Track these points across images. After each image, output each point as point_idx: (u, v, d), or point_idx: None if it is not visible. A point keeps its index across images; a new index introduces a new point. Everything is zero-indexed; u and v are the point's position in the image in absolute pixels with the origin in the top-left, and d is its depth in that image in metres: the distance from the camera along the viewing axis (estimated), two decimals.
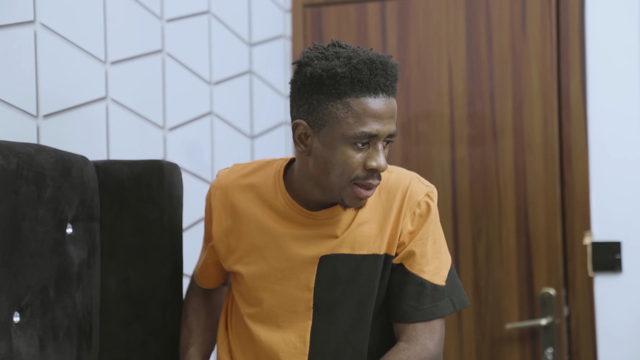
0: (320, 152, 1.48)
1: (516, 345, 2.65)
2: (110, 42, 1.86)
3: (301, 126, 1.49)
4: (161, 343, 1.63)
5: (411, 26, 2.79)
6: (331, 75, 1.44)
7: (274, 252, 1.59)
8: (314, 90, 1.46)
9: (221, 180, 1.66)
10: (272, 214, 1.60)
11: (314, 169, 1.51)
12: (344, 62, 1.45)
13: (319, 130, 1.47)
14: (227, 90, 2.44)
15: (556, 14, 2.65)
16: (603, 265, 2.58)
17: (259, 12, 2.67)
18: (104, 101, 1.83)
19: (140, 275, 1.61)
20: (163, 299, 1.63)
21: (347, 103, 1.44)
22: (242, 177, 1.65)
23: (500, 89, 2.69)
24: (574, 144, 2.62)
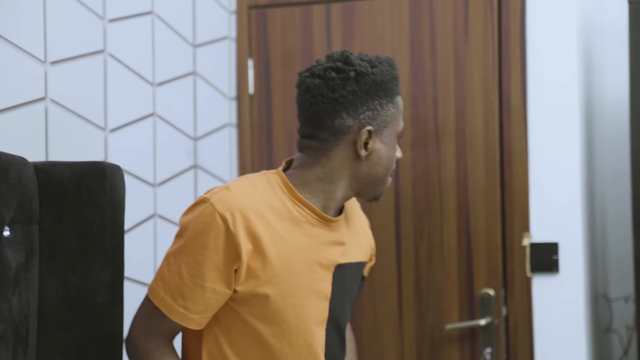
0: (382, 152, 1.62)
1: (456, 346, 2.69)
2: (50, 42, 1.83)
3: (367, 132, 1.59)
4: (101, 347, 1.62)
5: (356, 29, 2.82)
6: (391, 78, 1.61)
7: (301, 265, 1.59)
8: (377, 95, 1.59)
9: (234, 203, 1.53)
10: (291, 226, 1.59)
11: (370, 170, 1.62)
12: (390, 65, 1.63)
13: (382, 131, 1.61)
14: (171, 92, 2.43)
15: (498, 20, 2.70)
16: (541, 266, 2.63)
17: (204, 13, 2.66)
18: (43, 101, 1.81)
19: (80, 279, 1.60)
20: (103, 302, 1.62)
21: (397, 102, 1.64)
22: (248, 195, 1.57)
23: (443, 93, 2.73)
24: (514, 147, 2.67)
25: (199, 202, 1.56)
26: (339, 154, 1.60)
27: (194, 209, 1.56)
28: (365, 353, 2.76)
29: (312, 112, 1.59)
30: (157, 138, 2.34)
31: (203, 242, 1.52)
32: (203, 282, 1.52)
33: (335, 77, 1.57)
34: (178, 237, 1.57)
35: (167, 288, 1.54)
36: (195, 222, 1.53)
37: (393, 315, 2.74)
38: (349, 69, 1.57)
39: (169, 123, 2.42)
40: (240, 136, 2.88)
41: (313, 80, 1.59)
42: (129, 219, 2.10)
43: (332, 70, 1.58)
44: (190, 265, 1.52)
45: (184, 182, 2.51)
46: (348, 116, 1.58)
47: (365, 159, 1.61)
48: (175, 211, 2.43)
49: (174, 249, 1.56)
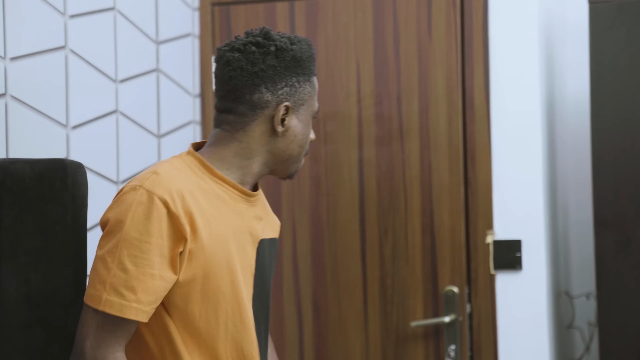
0: (298, 130, 1.64)
1: (420, 343, 2.70)
2: (9, 38, 1.80)
3: (284, 108, 1.60)
4: (62, 346, 1.60)
5: (320, 27, 2.81)
6: (309, 57, 1.63)
7: (233, 242, 1.58)
8: (295, 72, 1.61)
9: (168, 185, 1.50)
10: (219, 204, 1.58)
11: (286, 147, 1.63)
12: (308, 44, 1.64)
13: (299, 109, 1.63)
14: (133, 89, 2.41)
15: (460, 19, 2.72)
16: (504, 263, 2.65)
17: (166, 10, 2.64)
18: (3, 98, 1.78)
19: (42, 277, 1.57)
20: (65, 301, 1.59)
21: (313, 82, 1.66)
22: (177, 177, 1.54)
23: (407, 91, 2.74)
24: (478, 145, 2.69)
25: (128, 192, 1.51)
26: (257, 129, 1.60)
27: (124, 200, 1.50)
28: (329, 350, 2.76)
29: (231, 85, 1.59)
30: (120, 135, 2.32)
31: (147, 229, 1.47)
32: (152, 270, 1.47)
33: (256, 51, 1.57)
34: (110, 234, 1.50)
35: (111, 288, 1.47)
36: (132, 212, 1.47)
37: (358, 312, 2.74)
38: (269, 43, 1.58)
39: (132, 120, 2.39)
40: (204, 133, 2.86)
41: (233, 54, 1.59)
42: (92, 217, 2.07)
43: (252, 44, 1.58)
44: (135, 255, 1.47)
45: None
46: (267, 91, 1.58)
47: (282, 135, 1.62)
48: None
49: (109, 246, 1.48)
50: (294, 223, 2.80)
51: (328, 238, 2.78)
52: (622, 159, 2.53)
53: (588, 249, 2.94)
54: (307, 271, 2.79)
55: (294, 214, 2.80)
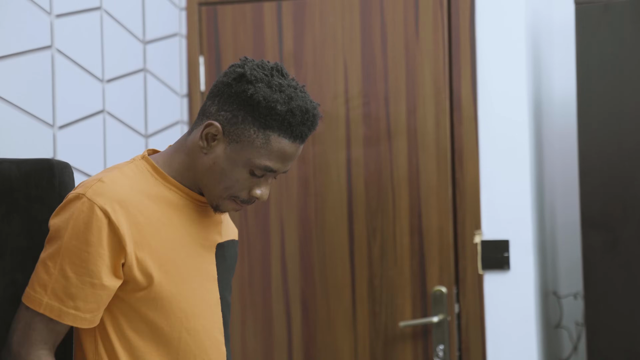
0: (220, 160, 1.53)
1: (409, 343, 2.70)
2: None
3: (214, 128, 1.52)
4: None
5: (307, 27, 2.81)
6: (269, 107, 1.49)
7: (186, 249, 1.57)
8: (246, 109, 1.50)
9: (112, 194, 1.49)
10: (170, 211, 1.57)
11: (205, 169, 1.55)
12: (285, 100, 1.50)
13: (230, 143, 1.52)
14: (121, 88, 2.39)
15: (448, 19, 2.72)
16: (492, 263, 2.66)
17: (153, 10, 2.62)
18: None
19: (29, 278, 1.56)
20: None
21: (268, 136, 1.51)
22: (123, 185, 1.53)
23: (395, 91, 2.74)
24: (465, 145, 2.69)
25: (72, 200, 1.49)
26: (195, 135, 1.56)
27: (68, 208, 1.49)
28: (318, 350, 2.76)
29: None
30: (107, 135, 2.30)
31: (86, 239, 1.46)
32: (92, 279, 1.47)
33: (233, 66, 1.55)
34: (53, 240, 1.49)
35: (51, 293, 1.46)
36: (74, 220, 1.47)
37: (346, 312, 2.74)
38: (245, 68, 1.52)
39: (119, 120, 2.38)
40: None
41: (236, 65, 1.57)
42: None
43: (243, 60, 1.56)
44: (75, 264, 1.46)
45: None
46: (213, 103, 1.54)
47: (205, 154, 1.55)
48: None
49: (51, 251, 1.48)
50: (282, 223, 2.79)
51: (316, 238, 2.77)
52: (609, 160, 2.54)
53: (575, 249, 2.95)
54: (296, 271, 2.78)
55: (282, 214, 2.79)
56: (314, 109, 1.54)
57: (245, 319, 2.81)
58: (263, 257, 2.79)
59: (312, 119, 1.54)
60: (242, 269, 2.81)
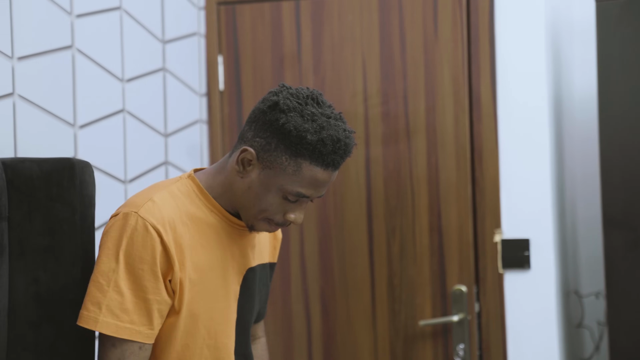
0: (254, 185, 1.58)
1: (429, 342, 2.69)
2: (17, 37, 1.80)
3: (249, 154, 1.57)
4: (71, 344, 1.59)
5: (325, 25, 2.81)
6: (299, 137, 1.52)
7: (218, 271, 1.62)
8: (278, 137, 1.54)
9: (162, 215, 1.54)
10: (210, 234, 1.62)
11: (242, 192, 1.59)
12: (316, 129, 1.52)
13: (264, 169, 1.56)
14: (140, 88, 2.40)
15: (467, 17, 2.71)
16: (512, 262, 2.64)
17: (172, 9, 2.63)
18: (10, 97, 1.78)
19: (50, 276, 1.57)
20: (74, 299, 1.59)
21: (299, 164, 1.54)
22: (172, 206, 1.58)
23: (413, 89, 2.73)
24: (485, 143, 2.68)
25: (124, 217, 1.54)
26: (234, 158, 1.61)
27: (120, 225, 1.54)
28: (339, 349, 2.75)
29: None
30: (127, 134, 2.31)
31: (140, 256, 1.52)
32: (146, 295, 1.52)
33: (270, 92, 1.59)
34: (106, 257, 1.53)
35: (106, 310, 1.50)
36: (128, 237, 1.52)
37: (366, 311, 2.73)
38: (277, 97, 1.55)
39: (139, 119, 2.39)
40: (210, 132, 2.86)
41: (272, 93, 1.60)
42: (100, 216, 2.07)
43: (280, 87, 1.59)
44: (130, 280, 1.52)
45: (155, 178, 2.49)
46: (250, 129, 1.59)
47: (241, 177, 1.60)
48: None
49: (103, 269, 1.52)
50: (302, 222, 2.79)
51: (335, 237, 2.77)
52: (630, 157, 2.52)
53: (597, 248, 2.93)
54: (315, 271, 2.78)
55: None
56: (346, 138, 1.56)
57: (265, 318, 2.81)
58: (282, 257, 2.79)
59: (344, 148, 1.55)
60: None
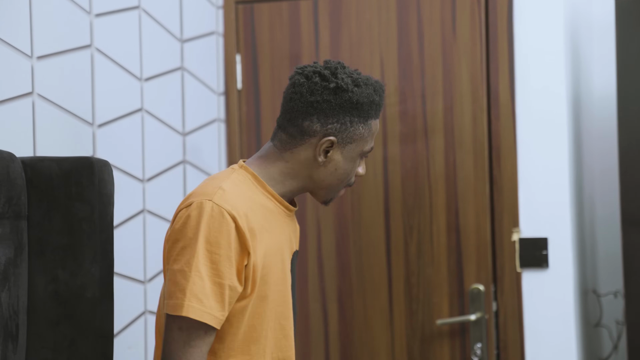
0: (340, 164, 1.69)
1: (446, 341, 2.69)
2: (36, 36, 1.81)
3: (329, 142, 1.65)
4: (90, 342, 1.61)
5: (343, 24, 2.81)
6: (369, 103, 1.67)
7: (280, 254, 1.69)
8: (351, 112, 1.66)
9: (234, 202, 1.58)
10: (271, 219, 1.68)
11: (326, 176, 1.69)
12: (373, 90, 1.69)
13: (345, 146, 1.67)
14: (159, 87, 2.41)
15: (485, 16, 2.70)
16: (530, 261, 2.63)
17: (191, 8, 2.64)
18: (30, 96, 1.79)
19: (69, 274, 1.58)
20: (93, 297, 1.60)
21: (369, 125, 1.70)
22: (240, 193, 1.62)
23: (431, 88, 2.73)
24: (503, 142, 2.67)
25: (199, 205, 1.55)
26: (302, 153, 1.67)
27: (197, 213, 1.55)
28: (356, 348, 2.75)
29: (289, 106, 1.68)
30: (146, 133, 2.33)
31: (217, 241, 1.54)
32: (221, 280, 1.54)
33: (318, 82, 1.65)
34: (186, 246, 1.54)
35: (191, 295, 1.52)
36: (205, 224, 1.54)
37: (383, 310, 2.73)
38: (332, 80, 1.64)
39: (157, 118, 2.40)
40: (228, 131, 2.87)
41: (300, 78, 1.67)
42: (118, 215, 2.08)
43: (317, 75, 1.65)
44: (207, 265, 1.53)
45: (173, 177, 2.50)
46: (317, 121, 1.65)
47: (323, 165, 1.68)
48: (165, 206, 2.41)
49: (186, 258, 1.53)
50: (319, 221, 2.80)
51: (353, 236, 2.77)
52: None
53: (615, 247, 2.91)
54: (332, 269, 2.78)
55: (318, 211, 2.80)
56: (382, 86, 1.74)
57: None
58: (300, 255, 2.79)
59: (382, 93, 1.73)
60: None
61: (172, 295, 1.53)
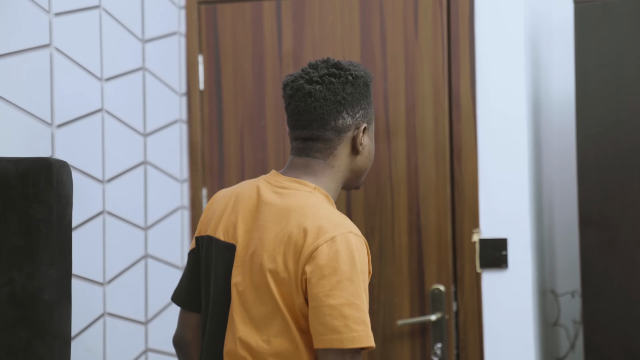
0: (370, 146, 1.81)
1: (407, 341, 2.71)
2: None
3: (363, 129, 1.76)
4: (47, 345, 1.59)
5: (306, 25, 2.81)
6: (371, 80, 1.81)
7: None
8: (366, 95, 1.77)
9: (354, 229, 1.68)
10: None
11: (364, 161, 1.80)
12: (366, 69, 1.81)
13: (369, 127, 1.80)
14: (119, 87, 2.40)
15: (447, 18, 2.72)
16: (490, 262, 2.66)
17: (152, 8, 2.63)
18: None
19: (26, 276, 1.56)
20: (50, 300, 1.59)
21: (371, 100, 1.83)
22: None
23: (394, 90, 2.74)
24: (464, 143, 2.69)
25: (345, 238, 1.61)
26: (342, 151, 1.76)
27: (345, 246, 1.60)
28: None
29: (316, 115, 1.72)
30: (106, 134, 2.31)
31: (366, 269, 1.64)
32: (364, 305, 1.61)
33: (335, 81, 1.72)
34: (344, 280, 1.58)
35: (365, 325, 1.58)
36: (358, 256, 1.61)
37: None
38: (346, 73, 1.74)
39: (117, 119, 2.38)
40: (190, 132, 2.86)
41: (313, 86, 1.72)
42: (77, 216, 2.07)
43: (330, 76, 1.73)
44: (365, 295, 1.61)
45: (134, 178, 2.48)
46: (348, 115, 1.74)
47: (360, 154, 1.78)
48: (125, 208, 2.40)
49: (353, 291, 1.58)
50: None
51: None
52: (607, 159, 2.54)
53: (573, 248, 2.96)
54: None
55: None
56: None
57: None
58: None
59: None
60: None
61: (344, 329, 1.55)
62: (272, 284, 1.61)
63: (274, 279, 1.61)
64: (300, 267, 1.59)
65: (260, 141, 2.83)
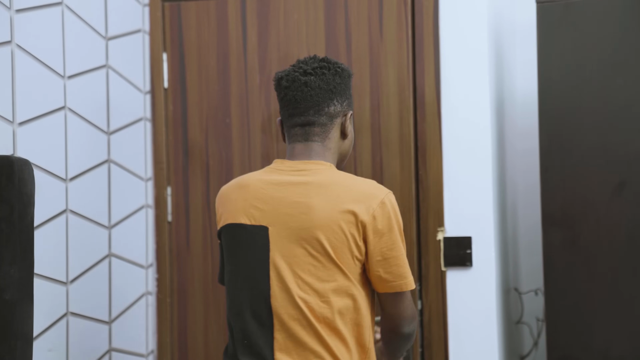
0: (352, 132, 2.01)
1: None
2: None
3: (350, 115, 1.98)
4: (9, 345, 1.57)
5: (271, 24, 2.81)
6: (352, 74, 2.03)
7: None
8: (349, 86, 2.00)
9: None
10: None
11: (349, 144, 2.01)
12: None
13: (352, 115, 2.00)
14: (82, 85, 2.37)
15: (412, 17, 2.73)
16: (454, 260, 2.68)
17: (116, 5, 2.60)
18: None
19: None
20: (12, 300, 1.57)
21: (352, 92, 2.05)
22: None
23: (359, 89, 2.75)
24: (429, 142, 2.71)
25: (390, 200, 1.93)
26: (334, 134, 1.97)
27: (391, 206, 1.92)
28: None
29: (312, 102, 1.94)
30: (69, 132, 2.28)
31: (401, 221, 1.95)
32: None
33: (326, 73, 1.95)
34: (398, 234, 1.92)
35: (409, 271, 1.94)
36: (397, 210, 1.95)
37: None
38: (334, 66, 1.97)
39: (81, 117, 2.36)
40: (154, 130, 2.84)
41: (308, 77, 1.94)
42: (39, 215, 2.04)
43: (322, 68, 1.95)
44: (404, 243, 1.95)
45: (97, 176, 2.46)
46: (337, 103, 1.96)
47: (347, 138, 1.99)
48: (88, 206, 2.37)
49: (403, 243, 1.94)
50: None
51: None
52: (569, 158, 2.57)
53: (536, 246, 2.99)
54: None
55: None
56: None
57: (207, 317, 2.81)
58: None
59: None
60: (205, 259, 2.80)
61: (405, 275, 1.92)
62: (330, 250, 1.84)
63: (331, 245, 1.84)
64: (360, 232, 1.86)
65: (225, 139, 2.82)
